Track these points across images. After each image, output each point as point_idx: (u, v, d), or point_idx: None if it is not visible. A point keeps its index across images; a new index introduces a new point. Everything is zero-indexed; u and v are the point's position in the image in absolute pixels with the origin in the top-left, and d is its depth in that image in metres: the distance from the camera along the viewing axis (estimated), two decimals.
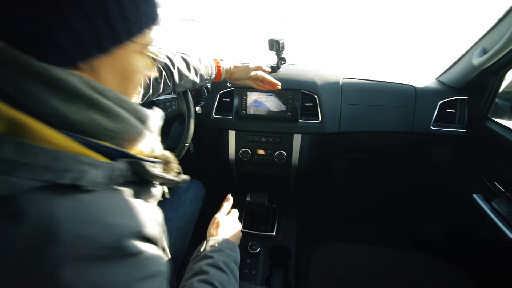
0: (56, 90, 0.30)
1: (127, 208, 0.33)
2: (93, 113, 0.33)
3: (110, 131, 0.34)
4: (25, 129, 0.27)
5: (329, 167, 1.48)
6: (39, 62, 0.29)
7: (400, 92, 1.16)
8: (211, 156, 1.34)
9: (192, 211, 0.99)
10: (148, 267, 0.33)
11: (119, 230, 0.30)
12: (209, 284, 0.54)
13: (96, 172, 0.30)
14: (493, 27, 0.91)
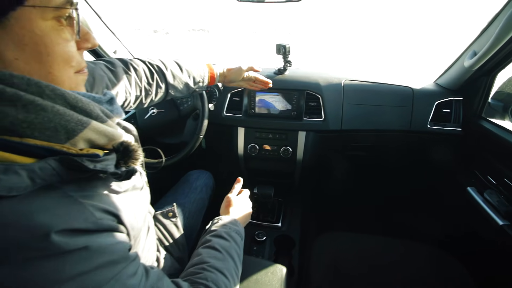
0: None
1: (57, 207, 0.30)
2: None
3: (28, 123, 0.30)
4: None
5: (331, 164, 1.56)
6: None
7: (398, 93, 1.24)
8: (221, 151, 1.43)
9: (202, 198, 1.07)
10: (92, 261, 0.30)
11: (42, 230, 0.27)
12: (211, 248, 0.61)
13: (10, 177, 0.27)
14: (482, 31, 0.99)
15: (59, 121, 0.31)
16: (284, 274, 0.77)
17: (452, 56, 1.19)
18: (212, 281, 0.52)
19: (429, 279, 1.00)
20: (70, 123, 0.32)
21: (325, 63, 5.29)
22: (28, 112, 0.29)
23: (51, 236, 0.27)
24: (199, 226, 1.03)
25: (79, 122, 0.33)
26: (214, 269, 0.55)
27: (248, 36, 7.38)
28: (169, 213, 0.88)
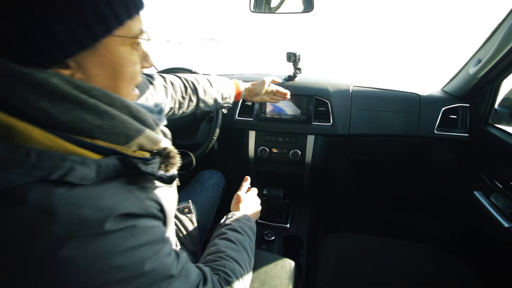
0: (42, 93, 0.31)
1: (116, 193, 0.35)
2: (79, 112, 0.34)
3: (100, 128, 0.35)
4: (15, 132, 0.29)
5: (340, 167, 1.59)
6: (23, 67, 0.30)
7: (405, 99, 1.28)
8: (232, 153, 1.49)
9: (214, 197, 1.12)
10: (141, 236, 0.35)
11: (109, 211, 0.32)
12: (227, 240, 0.66)
13: (83, 169, 0.32)
14: (487, 39, 1.03)
15: (122, 128, 0.37)
16: (292, 267, 0.81)
17: (459, 64, 1.23)
18: (230, 268, 0.56)
19: (435, 281, 1.01)
20: (130, 130, 0.38)
21: (334, 71, 5.37)
22: (101, 119, 0.35)
23: (112, 217, 0.32)
24: (210, 223, 1.08)
25: (137, 130, 0.39)
26: (231, 258, 0.59)
27: (258, 45, 7.56)
28: (185, 209, 0.93)
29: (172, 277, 0.39)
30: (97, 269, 0.31)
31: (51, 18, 0.30)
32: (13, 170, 0.28)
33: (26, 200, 0.29)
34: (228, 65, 5.50)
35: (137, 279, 0.34)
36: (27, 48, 0.31)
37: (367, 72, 5.11)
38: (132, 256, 0.34)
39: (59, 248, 0.29)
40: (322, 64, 5.61)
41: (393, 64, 5.87)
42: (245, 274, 0.60)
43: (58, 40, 0.31)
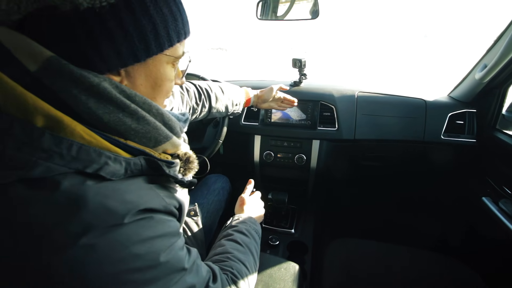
0: (92, 94, 0.35)
1: (140, 190, 0.38)
2: (121, 115, 0.37)
3: (135, 131, 0.39)
4: (62, 125, 0.32)
5: (345, 173, 1.59)
6: (81, 70, 0.34)
7: (411, 104, 1.28)
8: (238, 158, 1.51)
9: (219, 200, 1.13)
10: (157, 228, 0.37)
11: (132, 204, 0.35)
12: (234, 241, 0.67)
13: (115, 165, 0.35)
14: (492, 45, 1.03)
15: (154, 133, 0.41)
16: (296, 270, 0.80)
17: (466, 72, 1.23)
18: (236, 269, 0.57)
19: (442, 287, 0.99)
20: (160, 136, 0.42)
21: (341, 79, 5.41)
22: (138, 123, 0.39)
23: (134, 211, 0.35)
24: (216, 226, 1.09)
25: (166, 136, 0.43)
26: (238, 259, 0.60)
27: (265, 54, 7.66)
28: (191, 211, 0.94)
29: (185, 270, 0.40)
30: (115, 257, 0.32)
31: (120, 32, 0.35)
32: (55, 160, 0.31)
33: (60, 188, 0.31)
34: (235, 73, 5.59)
35: (152, 270, 0.35)
36: (93, 54, 0.35)
37: (374, 80, 5.11)
38: (149, 246, 0.35)
39: (81, 235, 0.31)
40: (329, 72, 5.65)
41: (400, 72, 5.87)
42: (250, 276, 0.61)
43: (120, 52, 0.36)
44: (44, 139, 0.31)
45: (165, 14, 0.39)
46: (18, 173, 0.30)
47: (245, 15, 7.94)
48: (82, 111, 0.35)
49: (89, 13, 0.33)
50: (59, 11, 0.32)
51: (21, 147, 0.30)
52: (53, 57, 0.33)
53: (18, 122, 0.30)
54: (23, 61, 0.32)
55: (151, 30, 0.38)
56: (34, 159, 0.30)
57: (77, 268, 0.31)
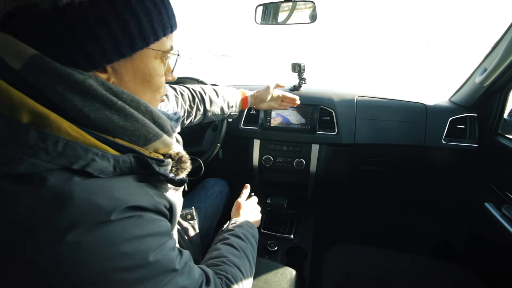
0: (77, 91, 0.34)
1: (129, 188, 0.37)
2: (107, 112, 0.37)
3: (123, 128, 0.38)
4: (47, 121, 0.32)
5: (345, 178, 1.57)
6: (66, 68, 0.33)
7: (411, 109, 1.27)
8: (236, 162, 1.50)
9: (217, 204, 1.12)
10: (147, 227, 0.37)
11: (120, 201, 0.34)
12: (230, 245, 0.66)
13: (103, 162, 0.35)
14: (492, 48, 1.03)
15: (143, 131, 0.41)
16: (293, 276, 0.78)
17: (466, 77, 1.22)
18: (231, 274, 0.56)
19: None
20: (149, 134, 0.42)
21: (342, 83, 5.44)
22: (126, 121, 0.39)
23: (122, 207, 0.34)
24: (213, 230, 1.07)
25: (156, 134, 0.43)
26: (233, 264, 0.59)
27: (267, 61, 7.76)
28: (187, 215, 0.93)
29: (176, 271, 0.39)
30: (103, 255, 0.32)
31: (102, 28, 0.34)
32: (41, 156, 0.31)
33: (46, 183, 0.31)
34: (238, 78, 5.64)
35: (141, 269, 0.34)
36: (77, 52, 0.34)
37: (377, 86, 5.12)
38: (138, 245, 0.35)
39: (68, 231, 0.30)
40: (331, 78, 5.67)
41: (403, 78, 5.88)
42: (245, 281, 0.59)
43: (104, 48, 0.35)
44: (29, 135, 0.31)
45: (148, 7, 0.38)
46: (3, 169, 0.30)
47: (247, 23, 8.05)
48: (68, 108, 0.34)
49: (69, 9, 0.32)
50: (39, 8, 0.31)
51: (6, 144, 0.30)
52: (36, 55, 0.32)
53: (3, 118, 0.30)
54: (6, 60, 0.32)
55: (135, 24, 0.37)
56: (19, 155, 0.30)
57: (63, 265, 0.30)
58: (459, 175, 1.30)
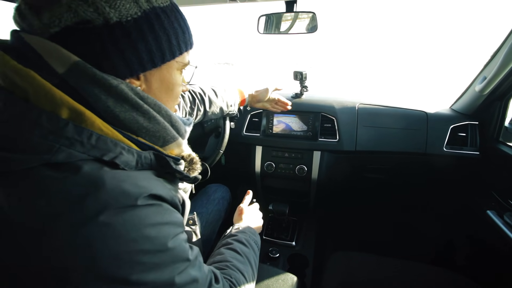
0: (111, 94, 0.39)
1: (150, 179, 0.41)
2: (135, 114, 0.41)
3: (146, 129, 0.43)
4: (83, 117, 0.36)
5: (347, 185, 1.57)
6: (103, 74, 0.38)
7: (411, 116, 1.28)
8: (239, 168, 1.51)
9: (218, 210, 1.13)
10: (166, 215, 0.40)
11: (144, 189, 0.38)
12: (233, 250, 0.67)
13: (128, 156, 0.39)
14: (492, 57, 1.04)
15: (162, 133, 0.45)
16: (294, 282, 0.79)
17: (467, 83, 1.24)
18: (235, 279, 0.57)
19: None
20: (167, 136, 0.46)
21: (341, 89, 5.50)
22: (149, 122, 0.43)
23: (146, 194, 0.37)
24: (214, 236, 1.08)
25: (173, 137, 0.47)
26: (237, 269, 0.60)
27: (269, 69, 7.85)
28: (189, 220, 0.94)
29: (189, 261, 0.42)
30: (129, 237, 0.34)
31: (141, 42, 0.41)
32: (77, 148, 0.35)
33: (80, 171, 0.34)
34: (241, 85, 5.71)
35: (160, 254, 0.37)
36: (119, 62, 0.40)
37: (377, 96, 5.16)
38: (159, 230, 0.38)
39: (99, 213, 0.33)
40: (332, 88, 5.72)
41: (403, 89, 5.92)
42: (248, 286, 0.60)
43: (141, 59, 0.42)
44: (67, 129, 0.35)
45: (175, 27, 0.45)
46: (44, 157, 0.33)
47: (250, 31, 8.17)
48: (101, 109, 0.39)
49: (117, 27, 0.38)
50: (92, 24, 0.37)
51: (47, 135, 0.34)
52: (79, 62, 0.37)
53: (46, 113, 0.34)
54: (52, 65, 0.37)
55: (166, 41, 0.44)
56: (58, 146, 0.34)
57: (94, 244, 0.33)
58: (460, 182, 1.30)
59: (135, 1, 0.40)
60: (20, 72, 0.35)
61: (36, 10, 0.37)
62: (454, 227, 1.40)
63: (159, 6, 0.43)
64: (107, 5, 0.37)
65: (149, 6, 0.41)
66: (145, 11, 0.41)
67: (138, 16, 0.40)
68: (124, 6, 0.39)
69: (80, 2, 0.36)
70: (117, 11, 0.38)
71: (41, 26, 0.37)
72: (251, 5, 1.13)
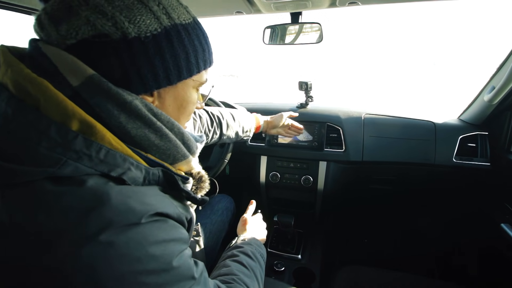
0: (124, 110, 0.38)
1: (157, 196, 0.40)
2: (147, 131, 0.40)
3: (157, 147, 0.42)
4: (94, 130, 0.35)
5: (354, 196, 1.54)
6: (117, 88, 0.38)
7: (419, 126, 1.26)
8: (243, 178, 1.49)
9: (222, 220, 1.11)
10: (171, 232, 0.39)
11: (150, 206, 0.36)
12: (238, 263, 0.65)
13: (136, 172, 0.38)
14: (500, 66, 1.03)
15: (173, 151, 0.44)
16: None
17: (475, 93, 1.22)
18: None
19: None
20: (178, 154, 0.45)
21: (347, 100, 5.50)
22: (161, 140, 0.42)
23: (152, 212, 0.36)
24: (218, 247, 1.05)
25: (183, 155, 0.46)
26: (243, 283, 0.58)
27: (273, 80, 7.95)
28: (193, 231, 0.92)
29: (194, 279, 0.41)
30: (132, 256, 0.33)
31: (158, 59, 0.40)
32: (84, 161, 0.34)
33: (85, 185, 0.33)
34: (246, 97, 5.76)
35: (165, 274, 0.36)
36: (135, 77, 0.39)
37: (384, 105, 5.17)
38: (164, 248, 0.36)
39: (101, 232, 0.32)
40: (338, 99, 5.75)
41: (410, 99, 5.91)
42: None
43: (157, 75, 0.41)
44: (76, 141, 0.34)
45: (195, 45, 0.44)
46: (49, 171, 0.32)
47: (255, 43, 8.32)
48: (113, 124, 0.38)
49: (135, 42, 0.38)
50: (110, 38, 0.36)
51: (54, 147, 0.33)
52: (94, 75, 0.36)
53: (55, 124, 0.33)
54: (67, 77, 0.36)
55: (184, 58, 0.43)
56: (65, 159, 0.33)
57: (95, 264, 0.31)
58: (471, 194, 1.26)
59: (156, 17, 0.39)
60: (34, 81, 0.34)
61: (55, 21, 0.37)
62: (466, 241, 1.35)
63: (180, 23, 0.42)
64: (127, 20, 0.37)
65: (170, 22, 0.41)
66: (165, 27, 0.40)
67: (158, 32, 0.39)
68: (144, 22, 0.38)
69: (99, 16, 0.36)
70: (136, 27, 0.38)
71: (58, 37, 0.36)
72: (256, 16, 1.15)
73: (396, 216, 1.61)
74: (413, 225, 1.55)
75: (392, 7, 12.10)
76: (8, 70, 0.36)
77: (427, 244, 1.46)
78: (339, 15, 38.70)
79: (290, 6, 1.02)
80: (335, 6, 1.00)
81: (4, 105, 0.34)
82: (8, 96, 0.35)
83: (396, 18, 39.87)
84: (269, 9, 1.03)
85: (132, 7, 0.38)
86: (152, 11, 0.39)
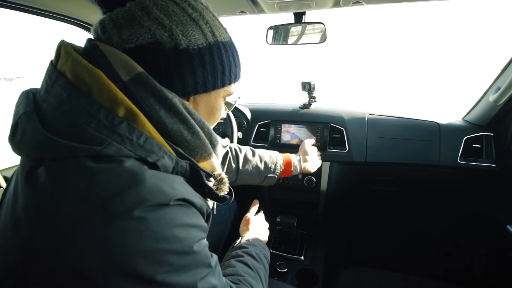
0: (164, 106, 0.42)
1: (184, 184, 0.42)
2: (181, 126, 0.44)
3: (188, 143, 0.45)
4: (137, 118, 0.39)
5: (357, 197, 1.53)
6: (161, 87, 0.42)
7: (423, 127, 1.25)
8: None
9: (225, 221, 1.11)
10: (194, 218, 0.41)
11: (178, 192, 0.39)
12: (244, 264, 0.66)
13: (168, 160, 0.41)
14: (505, 66, 1.02)
15: (201, 148, 0.48)
16: None
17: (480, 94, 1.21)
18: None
19: None
20: (205, 153, 0.49)
21: (353, 104, 5.52)
22: (192, 136, 0.46)
23: (179, 196, 0.39)
24: (221, 248, 1.05)
25: (209, 154, 0.50)
26: (249, 284, 0.59)
27: (275, 85, 7.96)
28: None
29: (210, 268, 0.43)
30: (159, 235, 0.35)
31: (200, 68, 0.45)
32: (126, 145, 0.37)
33: (124, 165, 0.37)
34: (248, 98, 5.79)
35: (186, 256, 0.38)
36: (178, 82, 0.44)
37: (388, 106, 5.15)
38: (187, 231, 0.39)
39: (136, 207, 0.34)
40: (341, 100, 5.74)
41: (414, 100, 5.88)
42: None
43: (197, 83, 0.46)
44: (121, 126, 0.37)
45: (230, 60, 0.50)
46: (96, 149, 0.36)
47: (258, 43, 8.35)
48: (153, 117, 0.42)
49: (183, 52, 0.43)
50: (163, 47, 0.42)
51: (101, 129, 0.36)
52: (143, 73, 0.41)
53: (105, 109, 0.37)
54: (119, 72, 0.40)
55: (220, 71, 0.48)
56: (110, 140, 0.37)
57: (126, 237, 0.33)
58: (476, 196, 1.24)
59: (203, 33, 0.45)
60: (91, 71, 0.38)
61: (118, 26, 0.42)
62: (470, 242, 1.33)
63: (221, 40, 0.48)
64: (181, 33, 0.43)
65: (213, 39, 0.47)
66: (209, 43, 0.46)
67: (203, 46, 0.45)
68: (193, 36, 0.44)
69: (159, 27, 0.42)
70: (187, 39, 0.43)
71: (119, 40, 0.41)
72: (260, 16, 1.15)
73: (400, 217, 1.59)
74: (418, 226, 1.54)
75: (396, 7, 12.01)
76: (69, 59, 0.40)
77: (430, 245, 1.44)
78: (343, 15, 38.50)
79: (293, 6, 1.02)
80: (338, 6, 1.00)
81: (60, 90, 0.38)
82: (65, 82, 0.39)
83: (400, 19, 39.56)
84: (273, 9, 1.03)
85: (185, 23, 0.44)
86: (200, 28, 0.45)
